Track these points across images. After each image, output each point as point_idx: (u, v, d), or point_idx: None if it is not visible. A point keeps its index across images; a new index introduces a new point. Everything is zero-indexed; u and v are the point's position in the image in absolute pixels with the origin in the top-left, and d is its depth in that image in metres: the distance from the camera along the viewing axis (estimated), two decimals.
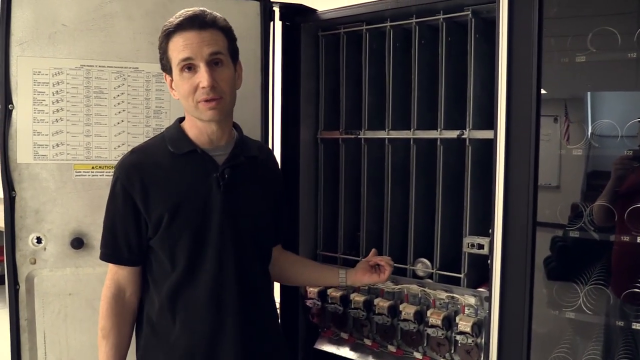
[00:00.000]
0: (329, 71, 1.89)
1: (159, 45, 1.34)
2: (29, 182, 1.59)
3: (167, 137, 1.39)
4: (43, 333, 1.63)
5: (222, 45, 1.31)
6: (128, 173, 1.34)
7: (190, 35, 1.27)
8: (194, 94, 1.29)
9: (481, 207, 1.61)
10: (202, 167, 1.36)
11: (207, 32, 1.28)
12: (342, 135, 1.85)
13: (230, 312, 1.36)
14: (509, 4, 1.29)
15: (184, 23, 1.28)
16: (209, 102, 1.29)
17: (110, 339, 1.38)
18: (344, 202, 1.87)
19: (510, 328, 1.33)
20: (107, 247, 1.38)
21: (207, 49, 1.27)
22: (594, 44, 1.26)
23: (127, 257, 1.37)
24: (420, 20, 1.66)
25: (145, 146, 1.41)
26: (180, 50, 1.28)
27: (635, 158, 1.25)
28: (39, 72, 1.58)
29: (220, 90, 1.30)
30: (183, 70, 1.29)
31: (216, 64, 1.30)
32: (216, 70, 1.29)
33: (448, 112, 1.64)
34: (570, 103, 1.34)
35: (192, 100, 1.30)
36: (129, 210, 1.34)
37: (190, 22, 1.28)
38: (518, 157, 1.30)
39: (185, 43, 1.27)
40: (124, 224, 1.35)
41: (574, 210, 1.33)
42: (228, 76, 1.32)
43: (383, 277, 1.55)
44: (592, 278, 1.32)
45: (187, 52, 1.27)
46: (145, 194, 1.32)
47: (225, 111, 1.35)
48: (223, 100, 1.31)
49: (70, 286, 1.64)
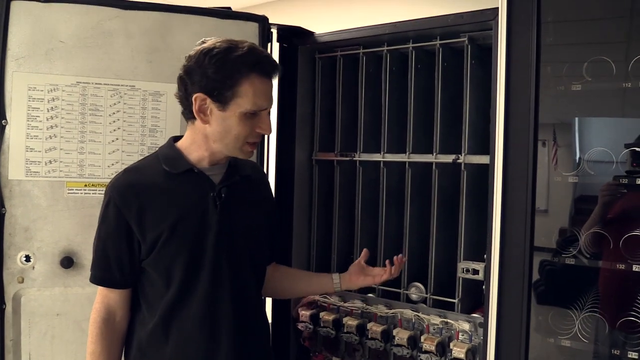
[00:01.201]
0: (326, 93, 1.90)
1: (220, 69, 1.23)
2: (20, 198, 1.57)
3: (162, 157, 1.36)
4: (28, 354, 1.59)
5: None
6: (122, 194, 1.30)
7: (268, 84, 1.30)
8: (248, 136, 1.31)
9: (476, 232, 1.61)
10: (199, 186, 1.34)
11: (273, 82, 1.32)
12: (337, 157, 1.85)
13: (225, 332, 1.34)
14: (507, 32, 1.31)
15: (267, 69, 1.28)
16: (253, 145, 1.34)
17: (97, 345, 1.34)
18: (337, 223, 1.86)
19: (507, 355, 1.32)
20: (99, 269, 1.34)
21: (272, 101, 1.32)
22: (589, 72, 1.28)
23: (119, 280, 1.34)
24: (417, 45, 1.68)
25: (138, 166, 1.38)
26: (258, 97, 1.27)
27: (621, 185, 1.26)
28: (34, 88, 1.57)
29: None
30: (248, 113, 1.27)
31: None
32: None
33: (443, 137, 1.64)
34: (560, 128, 1.36)
35: (240, 142, 1.31)
36: (122, 232, 1.30)
37: (272, 69, 1.30)
38: (515, 183, 1.31)
39: (265, 92, 1.28)
40: (117, 246, 1.31)
41: (562, 234, 1.34)
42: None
43: (378, 280, 1.53)
44: (587, 305, 1.31)
45: (266, 102, 1.29)
46: (140, 215, 1.30)
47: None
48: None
49: (58, 306, 1.61)
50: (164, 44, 1.67)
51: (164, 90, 1.68)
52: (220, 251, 1.33)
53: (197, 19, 1.69)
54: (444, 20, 1.56)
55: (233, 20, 1.74)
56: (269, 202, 1.55)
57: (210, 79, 1.24)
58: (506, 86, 1.32)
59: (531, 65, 1.29)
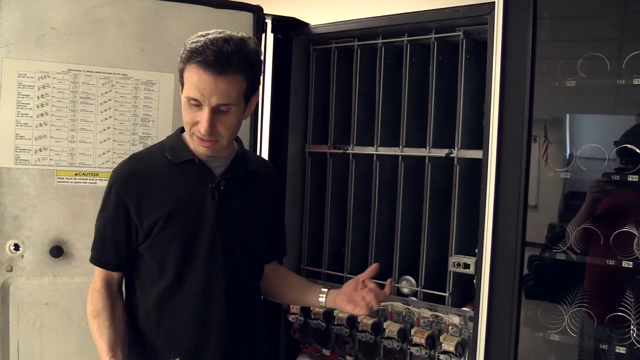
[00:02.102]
0: (319, 85, 1.89)
1: (180, 57, 1.26)
2: (9, 187, 1.55)
3: (167, 145, 1.38)
4: (17, 343, 1.57)
5: (235, 94, 1.24)
6: (124, 180, 1.32)
7: (205, 78, 1.20)
8: (192, 126, 1.27)
9: (467, 226, 1.62)
10: (199, 177, 1.34)
11: (224, 80, 1.21)
12: (330, 150, 1.85)
13: (216, 326, 1.34)
14: (503, 27, 1.31)
15: (204, 62, 1.19)
16: (204, 141, 1.28)
17: (103, 314, 1.32)
18: (330, 216, 1.86)
19: (497, 349, 1.33)
20: (97, 251, 1.37)
21: (216, 99, 1.22)
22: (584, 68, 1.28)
23: (115, 263, 1.36)
24: (412, 39, 1.67)
25: (143, 154, 1.40)
26: (191, 88, 1.22)
27: (610, 181, 1.27)
28: (24, 75, 1.54)
29: (217, 134, 1.27)
30: (189, 101, 1.25)
31: (222, 110, 1.25)
32: (219, 118, 1.25)
33: (437, 131, 1.64)
34: (553, 124, 1.36)
35: (189, 129, 1.29)
36: (121, 217, 1.32)
37: (210, 65, 1.19)
38: (508, 178, 1.31)
39: (198, 84, 1.21)
40: (115, 230, 1.33)
41: (552, 230, 1.35)
42: (231, 123, 1.28)
43: (364, 311, 1.41)
44: (576, 300, 1.32)
45: (196, 94, 1.22)
46: (139, 202, 1.31)
47: (219, 149, 1.33)
48: (219, 142, 1.29)
49: (47, 296, 1.59)
50: (157, 32, 1.65)
51: (156, 79, 1.66)
52: (215, 243, 1.33)
53: (191, 8, 1.67)
54: (439, 14, 1.55)
55: (227, 10, 1.72)
56: (274, 200, 1.54)
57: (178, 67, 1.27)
58: (501, 81, 1.32)
59: (526, 61, 1.29)
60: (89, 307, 1.35)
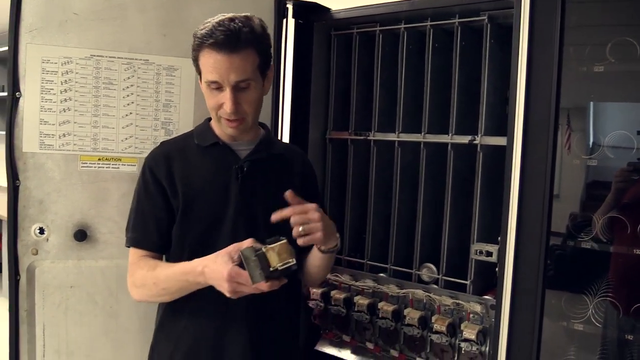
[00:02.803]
0: (340, 71, 1.88)
1: (192, 45, 1.31)
2: (34, 171, 1.57)
3: (195, 132, 1.43)
4: (42, 325, 1.61)
5: (251, 68, 1.28)
6: (157, 160, 1.37)
7: (219, 58, 1.25)
8: (217, 110, 1.32)
9: (490, 214, 1.60)
10: (223, 159, 1.38)
11: (238, 57, 1.25)
12: (351, 136, 1.84)
13: (239, 306, 1.34)
14: (530, 11, 1.27)
15: (216, 43, 1.24)
16: (231, 122, 1.32)
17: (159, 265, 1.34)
18: (350, 203, 1.86)
19: (519, 338, 1.32)
20: (137, 231, 1.37)
21: (234, 77, 1.26)
22: (613, 53, 1.25)
23: (157, 242, 1.37)
24: (435, 24, 1.65)
25: (173, 140, 1.47)
26: (208, 71, 1.27)
27: (636, 170, 1.25)
28: (48, 61, 1.56)
29: (242, 112, 1.32)
30: (210, 86, 1.29)
31: (242, 87, 1.29)
32: (241, 95, 1.30)
33: (460, 117, 1.62)
34: (579, 111, 1.33)
35: (215, 114, 1.34)
36: (160, 192, 1.35)
37: (222, 45, 1.24)
38: (534, 166, 1.29)
39: (214, 66, 1.26)
40: (155, 207, 1.36)
41: (576, 219, 1.32)
42: (253, 98, 1.32)
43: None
44: (601, 290, 1.31)
45: (215, 76, 1.26)
46: (171, 180, 1.35)
47: (247, 128, 1.38)
48: (245, 120, 1.34)
49: (72, 279, 1.62)
50: (179, 17, 1.65)
51: (178, 64, 1.66)
52: (237, 224, 1.35)
53: None
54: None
55: None
56: (304, 182, 1.52)
57: (192, 56, 1.33)
58: (527, 67, 1.29)
59: (554, 46, 1.26)
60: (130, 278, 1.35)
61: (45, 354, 1.61)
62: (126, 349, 1.66)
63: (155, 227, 1.36)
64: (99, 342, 1.65)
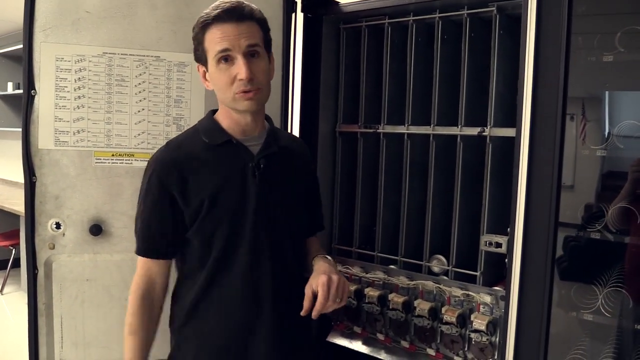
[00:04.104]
0: (350, 64, 1.88)
1: (194, 36, 1.33)
2: (50, 167, 1.61)
3: (201, 129, 1.39)
4: (60, 317, 1.65)
5: (258, 37, 1.31)
6: (165, 166, 1.33)
7: (228, 28, 1.27)
8: (231, 86, 1.29)
9: (499, 205, 1.60)
10: (238, 157, 1.36)
11: (244, 25, 1.28)
12: (360, 129, 1.84)
13: (266, 301, 1.36)
14: (538, 1, 1.27)
15: (221, 15, 1.27)
16: (247, 92, 1.29)
17: (139, 335, 1.37)
18: (360, 196, 1.87)
19: (528, 328, 1.33)
20: (144, 241, 1.37)
21: (245, 41, 1.27)
22: (622, 43, 1.24)
23: (164, 250, 1.37)
24: (443, 15, 1.65)
25: (179, 140, 1.41)
26: (217, 42, 1.27)
27: None
28: (61, 59, 1.59)
29: (257, 82, 1.30)
30: (220, 61, 1.29)
31: (253, 55, 1.29)
32: (253, 62, 1.29)
33: (469, 109, 1.62)
34: (589, 101, 1.32)
35: (229, 92, 1.30)
36: (166, 202, 1.33)
37: (228, 14, 1.27)
38: (541, 157, 1.29)
39: (223, 35, 1.27)
40: (161, 215, 1.34)
41: (588, 210, 1.32)
42: (264, 67, 1.32)
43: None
44: (611, 280, 1.30)
45: (225, 43, 1.27)
46: (183, 186, 1.32)
47: (262, 102, 1.36)
48: (261, 91, 1.32)
49: (88, 272, 1.66)
50: (189, 14, 1.67)
51: (188, 60, 1.68)
52: (259, 221, 1.35)
53: None
54: None
55: None
56: (309, 174, 1.55)
57: (194, 48, 1.35)
58: (535, 57, 1.29)
59: (562, 36, 1.25)
60: (128, 315, 1.37)
61: (64, 345, 1.66)
62: None
63: (161, 236, 1.35)
64: (115, 333, 1.68)
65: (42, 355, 1.65)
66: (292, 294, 1.41)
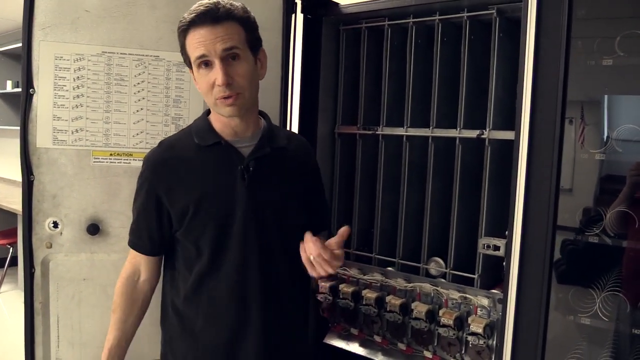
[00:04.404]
0: (349, 66, 1.89)
1: (178, 40, 1.32)
2: (48, 166, 1.60)
3: (194, 129, 1.39)
4: (57, 317, 1.64)
5: (237, 38, 1.27)
6: (155, 167, 1.35)
7: (203, 32, 1.25)
8: (212, 91, 1.28)
9: (497, 208, 1.60)
10: (227, 159, 1.35)
11: (221, 27, 1.25)
12: (359, 131, 1.84)
13: (254, 305, 1.36)
14: (538, 4, 1.27)
15: (195, 19, 1.25)
16: (227, 98, 1.27)
17: (117, 313, 1.44)
18: (359, 197, 1.87)
19: (525, 332, 1.33)
20: (133, 234, 1.43)
21: (221, 45, 1.24)
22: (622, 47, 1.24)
23: (149, 248, 1.42)
24: (443, 18, 1.65)
25: (172, 140, 1.41)
26: (195, 48, 1.26)
27: None
28: (60, 57, 1.58)
29: (237, 86, 1.27)
30: (200, 66, 1.28)
31: (233, 58, 1.27)
32: (232, 65, 1.27)
33: (468, 111, 1.62)
34: (589, 105, 1.32)
35: (211, 97, 1.29)
36: (152, 205, 1.35)
37: (202, 18, 1.24)
38: (540, 160, 1.29)
39: (199, 40, 1.25)
40: (147, 217, 1.38)
41: (586, 214, 1.32)
42: (246, 70, 1.29)
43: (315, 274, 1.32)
44: (608, 284, 1.30)
45: (202, 49, 1.25)
46: (169, 189, 1.33)
47: (246, 106, 1.33)
48: (241, 95, 1.29)
49: (85, 271, 1.65)
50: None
51: None
52: (248, 224, 1.34)
53: None
54: None
55: None
56: (310, 174, 1.53)
57: (180, 52, 1.34)
58: (534, 60, 1.29)
59: (561, 39, 1.25)
60: (114, 296, 1.45)
61: (60, 344, 1.65)
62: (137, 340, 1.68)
63: (147, 235, 1.39)
64: None
65: (38, 355, 1.64)
66: (284, 297, 1.41)
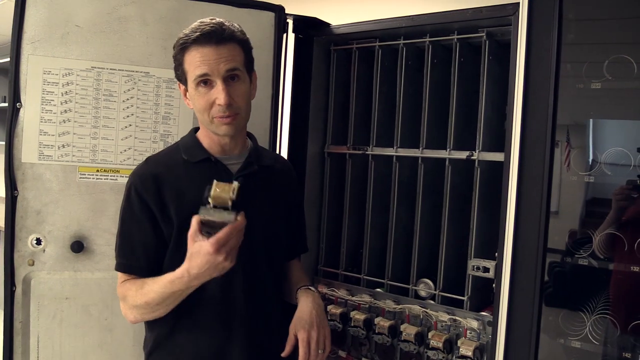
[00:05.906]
0: (340, 86, 1.89)
1: (174, 55, 1.32)
2: (32, 182, 1.57)
3: (182, 146, 1.39)
4: (37, 337, 1.60)
5: (239, 60, 1.29)
6: (144, 182, 1.32)
7: (207, 51, 1.25)
8: (209, 110, 1.29)
9: (487, 230, 1.60)
10: (216, 175, 1.31)
11: (225, 48, 1.26)
12: (349, 151, 1.84)
13: (237, 325, 1.34)
14: (528, 28, 1.28)
15: (200, 38, 1.25)
16: (225, 118, 1.29)
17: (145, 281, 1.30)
18: (348, 217, 1.86)
19: (516, 355, 1.31)
20: (125, 257, 1.34)
21: (224, 66, 1.26)
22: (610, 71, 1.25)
23: (145, 267, 1.33)
24: (433, 40, 1.66)
25: (159, 155, 1.41)
26: (197, 66, 1.26)
27: (635, 188, 1.24)
28: (49, 72, 1.57)
29: (236, 107, 1.30)
30: (199, 85, 1.28)
31: (233, 78, 1.29)
32: (232, 86, 1.28)
33: (458, 133, 1.63)
34: (576, 128, 1.34)
35: (207, 115, 1.30)
36: (146, 216, 1.31)
37: (207, 38, 1.25)
38: (530, 182, 1.29)
39: (202, 59, 1.25)
40: (142, 230, 1.32)
41: (574, 236, 1.32)
42: (244, 91, 1.31)
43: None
44: (598, 307, 1.30)
45: (204, 68, 1.25)
46: (161, 201, 1.31)
47: (241, 125, 1.35)
48: (239, 116, 1.31)
49: (68, 290, 1.61)
50: (179, 31, 1.62)
51: None
52: None
53: (213, 7, 1.68)
54: (462, 15, 1.54)
55: (249, 9, 1.72)
56: (292, 196, 1.54)
57: (175, 67, 1.33)
58: (524, 83, 1.30)
59: (551, 63, 1.27)
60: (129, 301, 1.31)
61: None
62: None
63: (142, 252, 1.32)
64: (93, 354, 1.64)
65: None
66: (268, 316, 1.39)
